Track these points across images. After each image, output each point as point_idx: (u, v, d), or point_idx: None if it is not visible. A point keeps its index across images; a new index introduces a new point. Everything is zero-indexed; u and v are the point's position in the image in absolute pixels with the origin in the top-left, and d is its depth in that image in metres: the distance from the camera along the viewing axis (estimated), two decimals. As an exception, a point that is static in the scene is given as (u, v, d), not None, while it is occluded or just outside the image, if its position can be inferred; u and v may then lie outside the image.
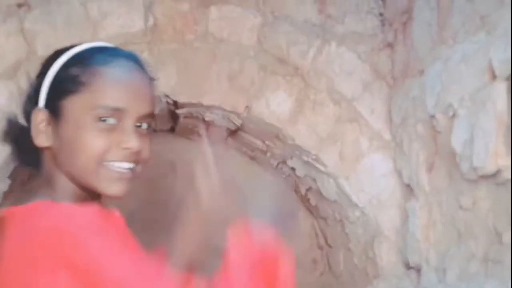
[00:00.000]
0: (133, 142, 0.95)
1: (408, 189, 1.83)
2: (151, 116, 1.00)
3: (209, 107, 2.02)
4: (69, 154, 0.97)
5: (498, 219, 1.34)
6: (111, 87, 0.97)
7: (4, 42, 1.78)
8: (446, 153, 1.56)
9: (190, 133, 2.51)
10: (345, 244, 2.27)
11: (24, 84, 1.79)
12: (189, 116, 2.18)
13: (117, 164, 0.96)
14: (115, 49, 1.02)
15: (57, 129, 0.98)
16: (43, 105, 1.00)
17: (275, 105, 1.98)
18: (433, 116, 1.62)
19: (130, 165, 0.97)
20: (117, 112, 0.96)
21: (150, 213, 2.53)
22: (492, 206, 1.37)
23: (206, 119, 2.15)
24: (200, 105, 2.00)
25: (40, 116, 0.99)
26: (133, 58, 1.01)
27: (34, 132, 0.99)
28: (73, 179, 0.99)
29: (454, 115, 1.50)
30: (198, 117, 2.18)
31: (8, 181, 1.88)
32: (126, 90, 0.98)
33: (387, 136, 1.97)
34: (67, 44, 1.87)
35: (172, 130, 2.50)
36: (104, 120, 0.95)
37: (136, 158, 0.97)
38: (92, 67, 0.98)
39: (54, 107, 0.98)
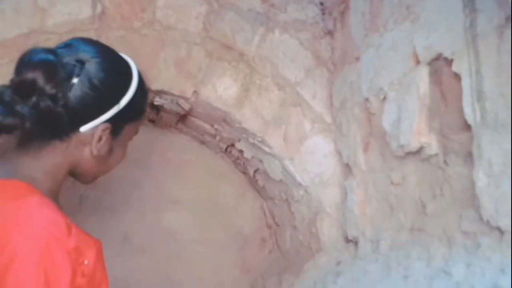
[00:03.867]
0: None
1: (347, 168, 1.95)
2: None
3: (158, 92, 2.09)
4: (106, 161, 1.20)
5: (423, 191, 1.46)
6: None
7: (-48, 29, 1.80)
8: (379, 134, 1.68)
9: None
10: (291, 222, 2.39)
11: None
12: (139, 101, 2.24)
13: None
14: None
15: (111, 142, 1.19)
16: (109, 117, 1.17)
17: (222, 90, 2.06)
18: (367, 99, 1.74)
19: None
20: None
21: (100, 196, 2.59)
22: (418, 180, 1.49)
23: (155, 103, 2.22)
24: (149, 90, 2.06)
25: (107, 130, 1.17)
26: None
27: (95, 139, 1.16)
28: (71, 170, 1.18)
29: (385, 98, 1.61)
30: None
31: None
32: None
33: (328, 119, 2.09)
34: (16, 32, 1.90)
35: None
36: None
37: None
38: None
39: (118, 126, 1.19)
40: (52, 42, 1.52)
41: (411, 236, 1.51)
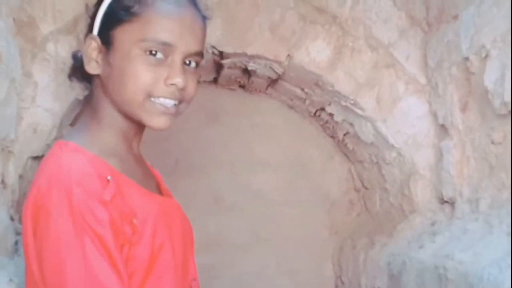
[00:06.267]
0: (179, 79, 0.96)
1: (443, 129, 1.94)
2: (199, 54, 1.01)
3: (252, 57, 2.15)
4: (117, 84, 0.97)
5: (527, 150, 1.45)
6: (162, 21, 0.96)
7: (64, -1, 1.92)
8: (479, 93, 1.66)
9: (232, 84, 2.65)
10: (381, 185, 2.41)
11: (82, 38, 1.96)
12: (233, 66, 2.31)
13: (162, 100, 0.98)
14: None
15: (107, 58, 0.99)
16: (96, 33, 1.00)
17: (315, 53, 2.09)
18: (467, 58, 1.72)
19: (174, 102, 1.00)
20: (166, 47, 0.96)
21: (193, 159, 2.71)
22: (522, 138, 1.48)
23: (249, 68, 2.28)
24: (244, 55, 2.12)
25: (93, 44, 1.00)
26: None
27: (85, 59, 1.01)
28: (119, 108, 1.01)
29: (487, 56, 1.59)
30: (241, 67, 2.31)
31: (70, 128, 2.05)
32: (177, 25, 0.96)
33: (422, 80, 2.07)
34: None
35: (215, 81, 2.64)
36: (153, 54, 0.96)
37: (181, 95, 1.00)
38: None
39: (106, 35, 0.99)
40: None
41: (514, 194, 1.51)
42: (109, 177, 0.92)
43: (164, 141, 2.62)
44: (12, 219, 1.86)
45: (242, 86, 2.69)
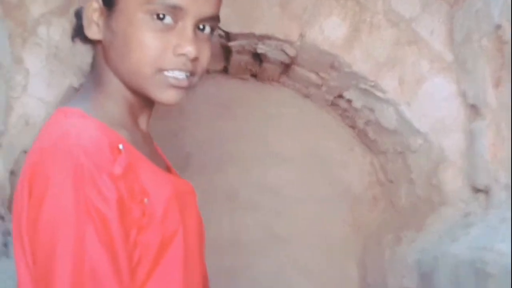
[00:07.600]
0: (190, 48, 0.85)
1: (474, 109, 1.76)
2: (214, 19, 0.89)
3: (261, 37, 1.99)
4: (121, 52, 0.88)
5: None
6: None
7: (56, -20, 1.79)
8: (515, 64, 1.48)
9: (243, 73, 2.49)
10: (407, 176, 2.22)
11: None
12: (241, 50, 2.16)
13: (170, 72, 0.87)
14: None
15: (110, 22, 0.88)
16: None
17: (329, 31, 1.93)
18: (499, 26, 1.54)
19: (186, 73, 0.88)
20: (175, 10, 0.85)
21: (206, 153, 2.55)
22: None
23: (259, 51, 2.12)
24: (252, 35, 1.97)
25: (94, 4, 0.90)
26: None
27: (85, 22, 0.90)
28: (122, 79, 0.91)
29: (523, 19, 1.41)
30: (250, 51, 2.16)
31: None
32: None
33: (448, 57, 1.90)
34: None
35: (225, 70, 2.49)
36: (160, 18, 0.85)
37: (192, 66, 0.88)
38: None
39: None
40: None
41: (561, 176, 1.31)
42: (120, 146, 0.82)
43: (175, 135, 2.49)
44: (2, 218, 1.73)
45: (254, 75, 2.54)
